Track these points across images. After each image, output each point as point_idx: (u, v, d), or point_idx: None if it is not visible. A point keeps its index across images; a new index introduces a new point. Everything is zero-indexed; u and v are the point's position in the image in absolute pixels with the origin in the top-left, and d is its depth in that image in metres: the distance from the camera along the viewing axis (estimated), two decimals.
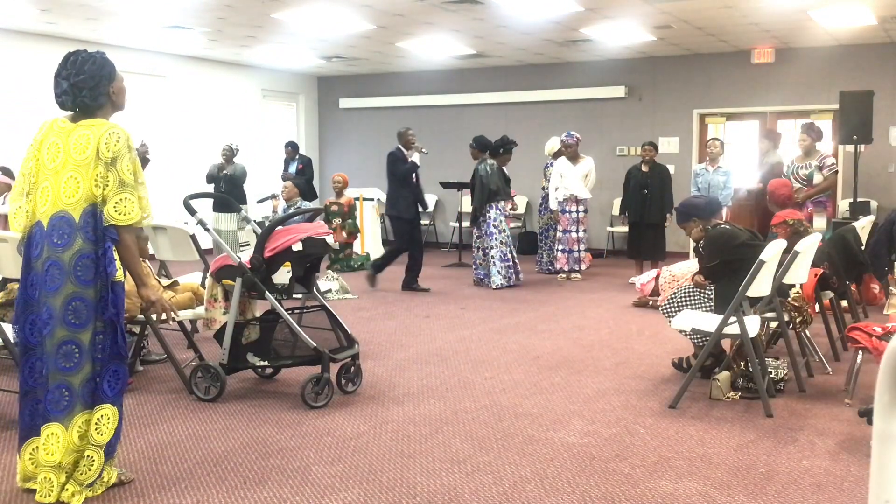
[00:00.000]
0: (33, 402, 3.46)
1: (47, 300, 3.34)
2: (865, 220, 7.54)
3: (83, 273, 3.34)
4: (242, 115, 13.85)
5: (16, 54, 10.62)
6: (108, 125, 3.40)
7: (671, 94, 12.54)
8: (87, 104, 3.45)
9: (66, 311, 3.33)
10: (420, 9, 9.13)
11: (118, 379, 3.47)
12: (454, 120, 14.00)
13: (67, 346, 3.35)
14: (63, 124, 3.45)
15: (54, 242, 3.34)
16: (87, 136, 3.37)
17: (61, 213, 3.35)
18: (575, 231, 10.08)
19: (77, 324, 3.35)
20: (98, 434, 3.45)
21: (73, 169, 3.36)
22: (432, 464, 3.92)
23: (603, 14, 9.41)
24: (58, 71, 3.50)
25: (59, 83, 3.47)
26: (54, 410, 3.38)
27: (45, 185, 3.40)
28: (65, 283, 3.32)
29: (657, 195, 9.82)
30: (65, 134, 3.41)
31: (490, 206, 9.58)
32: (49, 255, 3.34)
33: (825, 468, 3.89)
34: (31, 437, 3.49)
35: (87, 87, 3.43)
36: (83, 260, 3.34)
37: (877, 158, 11.05)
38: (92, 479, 3.46)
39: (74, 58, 3.47)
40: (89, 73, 3.43)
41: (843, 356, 6.03)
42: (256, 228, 5.49)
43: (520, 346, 6.48)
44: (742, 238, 5.06)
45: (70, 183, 3.35)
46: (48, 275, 3.34)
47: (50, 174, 3.39)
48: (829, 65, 11.43)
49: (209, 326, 5.17)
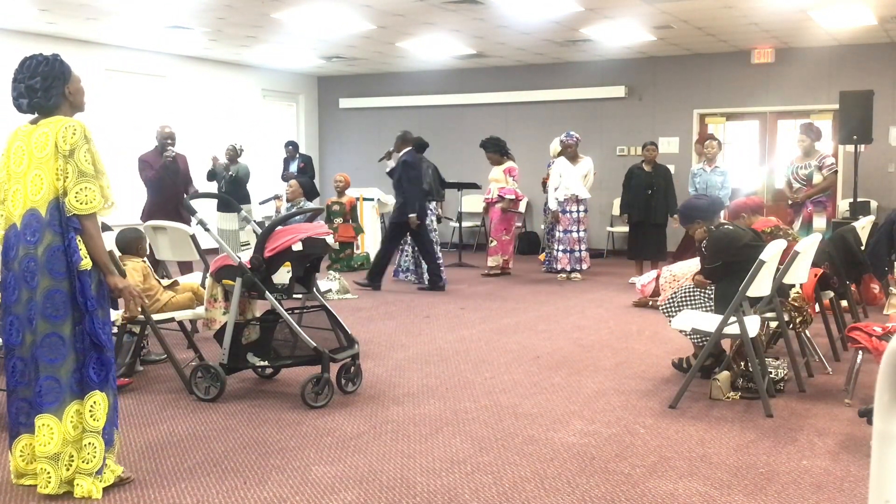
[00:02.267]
0: (18, 400, 3.54)
1: (31, 296, 3.42)
2: (865, 220, 7.54)
3: (54, 265, 3.42)
4: (242, 115, 13.85)
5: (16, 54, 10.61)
6: (64, 120, 3.48)
7: (671, 94, 12.54)
8: (42, 105, 3.52)
9: (45, 305, 3.41)
10: (420, 9, 9.13)
11: (102, 365, 3.53)
12: (454, 120, 14.00)
13: (51, 339, 3.43)
14: (26, 128, 3.55)
15: (27, 240, 3.43)
16: (45, 134, 3.45)
17: (31, 211, 3.44)
18: (576, 231, 10.08)
19: (56, 316, 3.43)
20: (94, 420, 3.51)
21: (37, 167, 3.44)
22: (432, 464, 3.92)
23: (603, 14, 9.41)
24: (14, 75, 3.57)
25: (16, 87, 3.54)
26: (45, 402, 3.44)
27: (16, 188, 3.49)
28: (42, 277, 3.41)
29: (661, 195, 9.82)
30: (27, 136, 3.50)
31: None
32: (25, 253, 3.43)
33: (825, 468, 3.89)
34: (21, 434, 3.55)
35: (40, 89, 3.50)
36: (54, 252, 3.42)
37: (877, 158, 11.05)
38: (98, 465, 3.52)
39: (29, 61, 3.56)
40: (42, 74, 3.51)
41: (843, 356, 6.03)
42: (256, 228, 5.49)
43: (520, 346, 6.48)
44: (745, 239, 5.06)
45: (36, 181, 3.44)
46: (27, 271, 3.42)
47: (19, 177, 3.48)
48: (829, 65, 11.43)
49: (209, 326, 5.17)
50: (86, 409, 3.49)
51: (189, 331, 5.86)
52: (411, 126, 13.93)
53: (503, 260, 10.55)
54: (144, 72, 12.13)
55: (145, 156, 8.37)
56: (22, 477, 3.59)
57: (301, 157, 12.64)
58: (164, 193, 8.08)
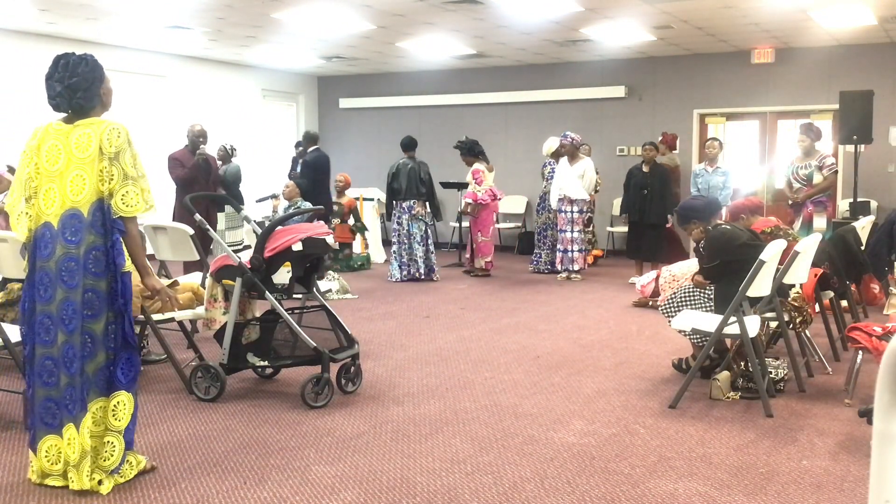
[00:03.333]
0: (45, 400, 3.54)
1: (67, 296, 3.44)
2: (865, 220, 7.54)
3: (95, 266, 3.46)
4: (242, 115, 13.84)
5: (16, 54, 10.62)
6: (108, 123, 3.51)
7: (671, 94, 12.53)
8: (83, 105, 3.54)
9: (82, 304, 3.45)
10: (420, 9, 9.13)
11: (131, 366, 3.60)
12: (454, 120, 13.99)
13: (83, 337, 3.47)
14: (59, 127, 3.55)
15: (67, 239, 3.45)
16: (88, 135, 3.47)
17: (71, 211, 3.46)
18: (569, 231, 10.07)
19: (91, 315, 3.47)
20: (116, 420, 3.57)
21: (77, 167, 3.46)
22: (432, 464, 3.92)
23: (603, 14, 9.41)
24: (49, 73, 3.57)
25: (53, 86, 3.55)
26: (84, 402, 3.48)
27: (50, 187, 3.49)
28: (81, 277, 3.44)
29: (657, 195, 9.81)
30: (63, 135, 3.51)
31: (395, 203, 10.10)
32: (64, 253, 3.45)
33: (825, 468, 3.89)
34: (48, 434, 3.55)
35: (81, 89, 3.52)
36: (94, 253, 3.46)
37: (877, 158, 11.05)
38: (115, 464, 3.56)
39: (65, 60, 3.55)
40: (83, 75, 3.53)
41: (843, 356, 6.03)
42: (256, 228, 5.49)
43: (520, 346, 6.48)
44: (742, 238, 5.06)
45: (77, 181, 3.46)
46: (66, 271, 3.44)
47: (53, 176, 3.49)
48: (828, 65, 11.43)
49: (209, 326, 5.17)
50: (110, 408, 3.55)
51: (189, 331, 5.86)
52: (411, 126, 13.99)
53: (485, 262, 10.52)
54: (144, 72, 12.12)
55: (176, 154, 8.21)
56: (46, 477, 3.57)
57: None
58: (195, 191, 7.83)
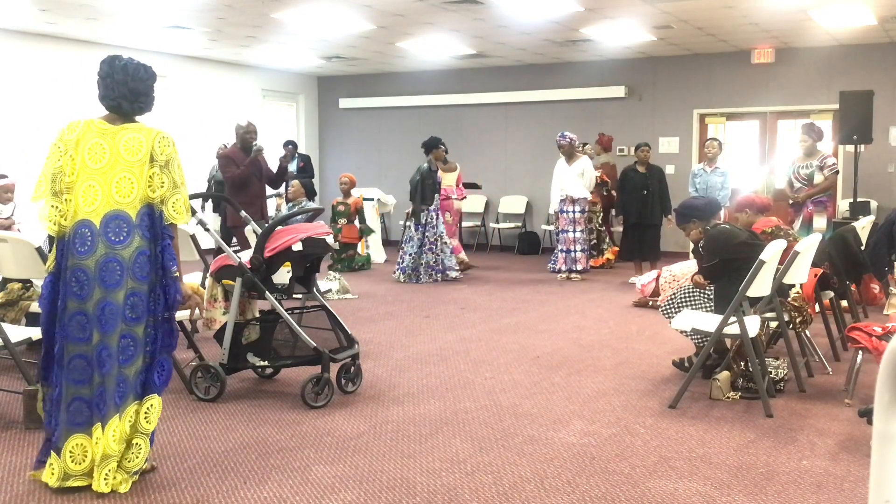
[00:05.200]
0: (75, 399, 3.51)
1: (107, 296, 3.45)
2: (865, 220, 7.54)
3: (140, 269, 3.50)
4: (242, 116, 13.82)
5: (16, 54, 10.62)
6: (159, 130, 3.58)
7: (671, 94, 12.54)
8: (142, 109, 3.64)
9: (125, 306, 3.47)
10: (420, 9, 9.13)
11: (165, 370, 3.65)
12: (454, 120, 13.99)
13: (124, 340, 3.50)
14: (103, 126, 3.56)
15: (112, 240, 3.46)
16: (138, 140, 3.53)
17: (117, 212, 3.48)
18: (571, 231, 10.07)
19: (133, 318, 3.50)
20: (147, 423, 3.60)
21: (125, 170, 3.49)
22: (432, 464, 3.92)
23: (603, 14, 9.41)
24: (106, 73, 3.59)
25: (113, 86, 3.57)
26: (117, 404, 3.50)
27: (91, 184, 3.48)
28: (125, 278, 3.46)
29: (656, 195, 9.82)
30: (109, 135, 3.53)
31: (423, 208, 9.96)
32: (106, 252, 3.45)
33: (825, 468, 3.89)
34: (75, 433, 3.52)
35: (143, 94, 3.62)
36: (141, 257, 3.50)
37: (877, 158, 11.05)
38: (138, 466, 3.59)
39: (123, 62, 3.61)
40: (145, 80, 3.63)
41: (843, 356, 6.03)
42: (256, 228, 5.49)
43: (520, 346, 6.48)
44: (742, 237, 5.06)
45: (123, 183, 3.49)
46: (107, 271, 3.45)
47: (96, 174, 3.49)
48: (829, 65, 11.43)
49: (209, 326, 5.17)
50: (142, 411, 3.58)
51: (189, 331, 5.85)
52: (411, 126, 14.00)
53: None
54: None
55: (228, 152, 7.86)
56: (69, 479, 3.52)
57: (300, 157, 12.63)
58: (249, 192, 7.66)
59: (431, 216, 9.90)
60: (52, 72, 10.99)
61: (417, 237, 9.93)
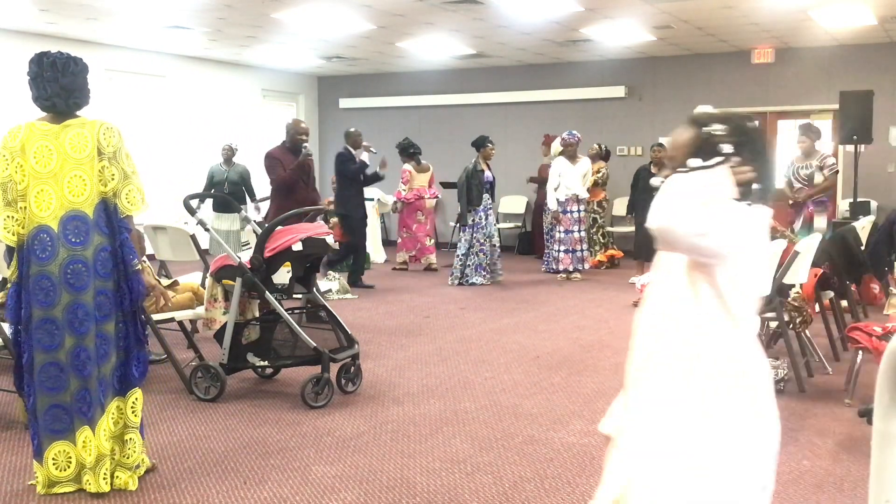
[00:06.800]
0: (52, 407, 3.47)
1: (76, 299, 3.40)
2: (865, 220, 7.54)
3: (103, 267, 3.46)
4: (242, 115, 13.84)
5: (16, 54, 10.61)
6: (101, 122, 3.49)
7: (671, 94, 12.53)
8: (78, 105, 3.53)
9: (95, 307, 3.45)
10: (420, 9, 9.13)
11: (142, 363, 3.64)
12: (454, 120, 13.98)
13: (98, 339, 3.48)
14: (45, 127, 3.46)
15: (72, 242, 3.40)
16: (82, 135, 3.43)
17: (73, 213, 3.41)
18: (577, 231, 10.08)
19: (102, 316, 3.47)
20: (134, 416, 3.61)
21: (75, 168, 3.41)
22: (432, 464, 3.92)
23: (603, 14, 9.41)
24: (35, 73, 3.50)
25: (45, 86, 3.46)
26: (102, 404, 3.50)
27: (42, 189, 3.41)
28: (92, 279, 3.43)
29: None
30: (52, 136, 3.44)
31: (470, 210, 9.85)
32: (69, 255, 3.40)
33: (825, 468, 3.89)
34: (55, 441, 3.48)
35: (76, 89, 3.50)
36: (102, 254, 3.46)
37: (877, 158, 11.04)
38: (137, 460, 3.60)
39: (51, 59, 3.49)
40: (76, 75, 3.51)
41: (843, 356, 6.03)
42: (256, 228, 5.49)
43: (520, 346, 6.48)
44: None
45: (75, 182, 3.42)
46: (72, 275, 3.39)
47: (46, 178, 3.41)
48: (829, 65, 11.43)
49: (209, 326, 5.17)
50: (128, 406, 3.58)
51: (189, 331, 5.86)
52: (411, 126, 13.99)
53: (409, 256, 10.97)
54: (144, 72, 12.12)
55: (275, 152, 7.32)
56: (54, 486, 3.51)
57: None
58: (295, 197, 7.04)
59: (480, 216, 9.75)
60: None
61: (465, 238, 9.80)
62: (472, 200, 9.77)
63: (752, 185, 2.17)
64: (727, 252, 2.07)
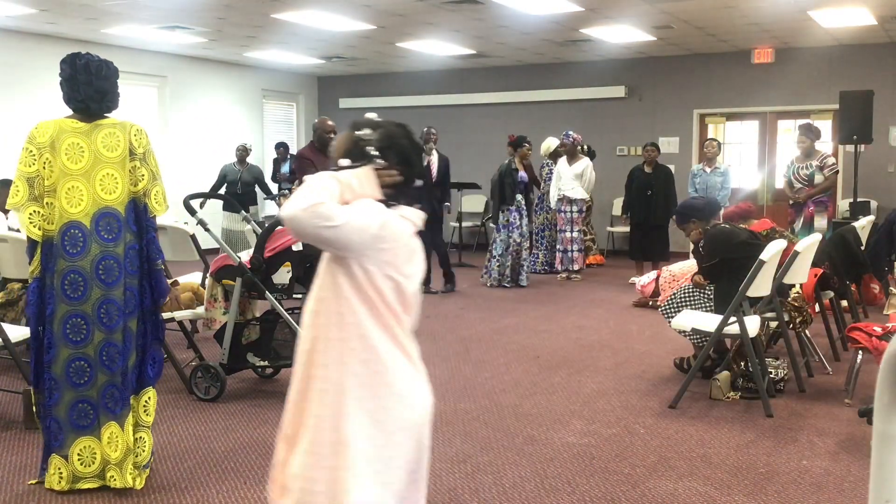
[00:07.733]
0: (78, 402, 3.49)
1: (106, 294, 3.44)
2: (865, 220, 7.54)
3: (131, 264, 3.53)
4: (242, 115, 13.84)
5: (16, 54, 10.62)
6: (132, 124, 3.57)
7: (671, 94, 12.53)
8: (110, 107, 3.58)
9: (124, 302, 3.49)
10: (420, 9, 9.13)
11: (157, 362, 3.67)
12: (454, 120, 13.99)
13: (124, 334, 3.51)
14: (77, 125, 3.50)
15: (104, 238, 3.46)
16: (114, 135, 3.50)
17: (106, 210, 3.47)
18: (569, 231, 10.07)
19: (129, 313, 3.52)
20: (146, 415, 3.62)
21: (107, 167, 3.48)
22: (432, 464, 3.90)
23: (603, 14, 9.41)
24: (69, 75, 3.50)
25: (80, 88, 3.48)
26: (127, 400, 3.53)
27: (74, 185, 3.44)
28: (122, 275, 3.48)
29: (661, 196, 9.80)
30: (85, 134, 3.48)
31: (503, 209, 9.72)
32: (101, 251, 3.45)
33: (825, 468, 3.89)
34: (81, 436, 3.51)
35: (110, 92, 3.56)
36: (131, 251, 3.53)
37: (877, 158, 11.05)
38: (147, 459, 3.61)
39: (85, 61, 3.51)
40: (109, 78, 3.57)
41: (843, 356, 6.03)
42: (257, 228, 5.49)
43: (520, 346, 6.48)
44: (742, 237, 5.06)
45: (107, 180, 3.48)
46: (104, 271, 3.45)
47: (77, 175, 3.45)
48: (829, 65, 11.43)
49: (209, 326, 5.17)
50: (140, 405, 3.59)
51: (189, 331, 5.86)
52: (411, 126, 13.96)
53: None
54: (144, 72, 12.12)
55: (305, 152, 7.31)
56: (78, 482, 3.52)
57: (292, 158, 12.62)
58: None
59: (514, 216, 9.65)
60: (53, 72, 10.97)
61: (501, 239, 9.67)
62: (504, 199, 9.70)
63: (401, 188, 2.39)
64: (358, 245, 2.27)
